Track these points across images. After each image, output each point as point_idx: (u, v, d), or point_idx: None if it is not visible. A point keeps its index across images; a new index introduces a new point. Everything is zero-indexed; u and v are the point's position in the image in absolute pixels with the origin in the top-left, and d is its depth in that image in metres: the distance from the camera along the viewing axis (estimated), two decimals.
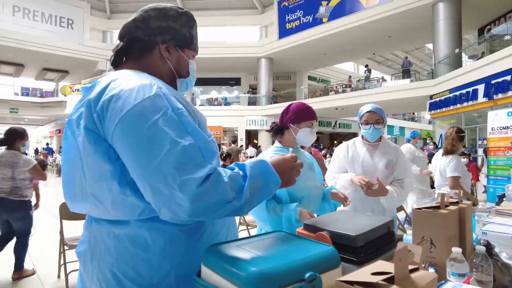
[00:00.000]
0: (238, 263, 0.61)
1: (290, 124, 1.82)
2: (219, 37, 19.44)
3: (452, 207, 1.11)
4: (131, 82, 0.81)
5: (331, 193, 1.84)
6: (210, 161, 0.76)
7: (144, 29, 0.95)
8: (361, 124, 2.23)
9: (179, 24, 0.96)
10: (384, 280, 0.51)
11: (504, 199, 3.28)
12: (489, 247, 1.19)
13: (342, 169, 2.29)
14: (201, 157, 0.75)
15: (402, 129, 27.22)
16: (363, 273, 0.55)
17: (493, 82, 8.47)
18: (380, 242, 0.76)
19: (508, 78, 7.99)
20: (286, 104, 1.98)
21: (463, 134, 3.24)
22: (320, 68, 22.39)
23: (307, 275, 0.58)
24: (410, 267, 0.56)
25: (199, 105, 21.47)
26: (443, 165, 3.23)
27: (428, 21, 12.17)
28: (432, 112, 11.79)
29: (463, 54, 12.48)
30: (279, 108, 16.81)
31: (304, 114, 1.82)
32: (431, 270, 1.00)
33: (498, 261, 1.13)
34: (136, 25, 0.96)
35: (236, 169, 0.83)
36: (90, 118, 0.80)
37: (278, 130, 1.88)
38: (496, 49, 9.38)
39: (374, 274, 0.54)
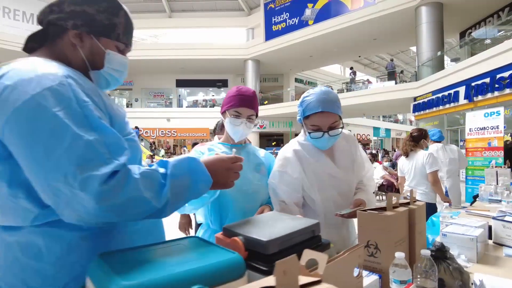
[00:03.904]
0: (112, 276, 0.52)
1: (221, 114, 1.48)
2: (206, 39, 19.30)
3: (400, 209, 1.04)
4: (33, 71, 0.72)
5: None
6: (118, 157, 0.69)
7: (57, 13, 0.86)
8: (305, 126, 1.43)
9: (95, 9, 0.86)
10: None
11: (477, 199, 3.29)
12: (443, 249, 1.13)
13: (296, 193, 1.41)
14: (107, 153, 0.68)
15: (388, 130, 27.56)
16: None
17: (473, 84, 8.60)
18: (301, 248, 0.67)
19: (487, 80, 8.11)
20: (273, 106, 1.71)
21: (416, 134, 3.65)
22: (306, 71, 22.47)
23: None
24: (309, 279, 0.48)
25: (186, 107, 21.26)
26: (420, 164, 3.43)
27: (412, 24, 12.31)
28: (416, 113, 11.92)
29: (445, 57, 12.68)
30: (266, 110, 16.80)
31: (226, 100, 1.43)
32: (375, 276, 0.93)
33: (450, 265, 1.07)
34: (51, 9, 0.87)
35: (155, 166, 0.76)
36: None
37: (223, 123, 1.55)
38: (477, 52, 9.53)
39: None
